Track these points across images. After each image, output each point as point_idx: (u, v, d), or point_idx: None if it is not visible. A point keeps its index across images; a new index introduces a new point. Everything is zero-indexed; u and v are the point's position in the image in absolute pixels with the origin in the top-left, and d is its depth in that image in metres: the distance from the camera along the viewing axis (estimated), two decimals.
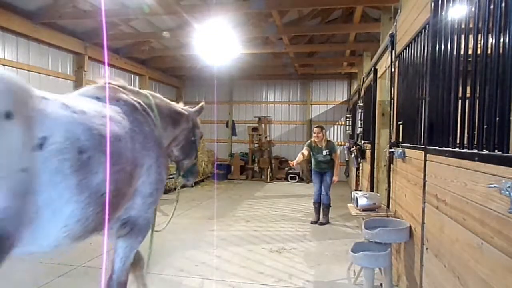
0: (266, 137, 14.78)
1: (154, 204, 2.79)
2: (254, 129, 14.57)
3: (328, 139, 7.92)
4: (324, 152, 7.45)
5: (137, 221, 2.73)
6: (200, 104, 3.90)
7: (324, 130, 7.63)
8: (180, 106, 3.61)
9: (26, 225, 1.71)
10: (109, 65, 11.10)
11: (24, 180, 1.67)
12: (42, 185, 1.76)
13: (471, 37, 2.25)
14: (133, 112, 2.64)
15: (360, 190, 7.35)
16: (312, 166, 7.79)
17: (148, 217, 2.81)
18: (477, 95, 2.14)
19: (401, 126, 4.15)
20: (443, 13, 2.81)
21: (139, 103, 2.79)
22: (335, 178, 7.50)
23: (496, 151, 1.90)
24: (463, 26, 2.43)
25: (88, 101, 2.36)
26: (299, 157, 7.34)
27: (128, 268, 2.87)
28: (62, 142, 1.87)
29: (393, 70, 4.66)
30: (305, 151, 7.45)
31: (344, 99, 14.87)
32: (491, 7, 1.98)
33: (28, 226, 1.73)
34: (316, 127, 7.71)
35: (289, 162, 7.40)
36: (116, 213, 2.40)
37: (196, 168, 3.90)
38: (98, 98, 2.49)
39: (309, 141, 7.79)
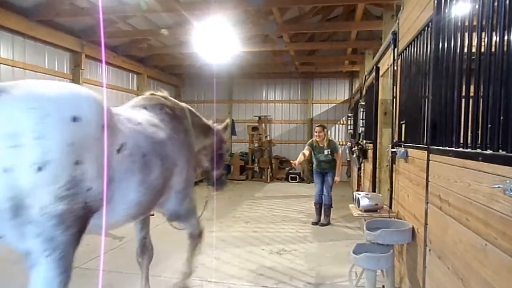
0: (266, 137, 14.78)
1: (186, 198, 3.39)
2: (254, 129, 14.57)
3: (330, 138, 7.92)
4: (326, 152, 7.45)
5: (180, 213, 3.43)
6: (226, 121, 4.58)
7: (325, 129, 7.63)
8: (208, 121, 4.21)
9: (96, 207, 2.25)
10: (107, 63, 11.10)
11: (100, 172, 2.20)
12: (117, 177, 2.39)
13: (474, 35, 2.25)
14: (172, 121, 3.21)
15: (362, 191, 7.35)
16: (314, 166, 7.79)
17: (185, 208, 3.46)
18: (481, 94, 2.14)
19: (403, 125, 4.14)
20: (446, 11, 2.81)
21: (176, 112, 3.37)
22: (336, 178, 7.50)
23: (500, 151, 1.90)
24: (466, 23, 2.43)
25: (139, 112, 2.98)
26: (300, 157, 7.34)
27: (198, 224, 3.74)
28: (132, 148, 2.52)
29: (395, 68, 4.66)
30: (306, 151, 7.44)
31: (345, 98, 14.87)
32: (495, 4, 1.98)
33: (98, 208, 2.28)
34: (317, 126, 7.71)
35: (291, 162, 7.41)
36: (158, 201, 2.98)
37: (224, 178, 4.59)
38: (145, 108, 3.11)
39: (310, 141, 7.79)
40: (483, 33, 2.14)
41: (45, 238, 1.94)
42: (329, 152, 7.45)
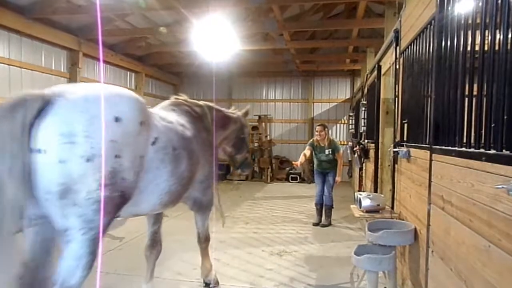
0: (266, 136, 14.77)
1: (209, 188, 3.95)
2: (254, 128, 14.56)
3: (331, 138, 7.92)
4: (327, 152, 7.45)
5: (202, 201, 3.98)
6: (247, 107, 5.07)
7: (326, 129, 7.63)
8: (229, 111, 4.69)
9: (140, 192, 2.69)
10: (104, 61, 11.10)
11: (142, 163, 2.63)
12: (151, 168, 2.75)
13: (478, 33, 2.25)
14: (195, 121, 3.70)
15: (364, 191, 7.35)
16: (314, 166, 7.79)
17: (208, 198, 4.02)
18: (484, 93, 2.14)
19: (405, 124, 4.14)
20: (449, 8, 2.81)
21: (198, 113, 3.87)
22: (338, 178, 7.51)
23: (504, 150, 1.89)
24: (469, 21, 2.43)
25: (169, 112, 3.49)
26: (302, 158, 7.34)
27: (207, 229, 4.26)
28: (165, 142, 2.92)
29: (397, 67, 4.65)
30: (307, 151, 7.44)
31: (347, 97, 14.87)
32: (499, 1, 1.97)
33: (140, 194, 2.70)
34: (318, 126, 7.71)
35: (293, 162, 7.41)
36: (185, 193, 3.41)
37: (248, 160, 5.04)
38: (173, 110, 3.63)
39: (311, 140, 7.79)
40: (487, 31, 2.14)
41: (85, 219, 2.27)
42: (330, 152, 7.45)
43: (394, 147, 4.45)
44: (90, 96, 2.36)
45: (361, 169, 8.51)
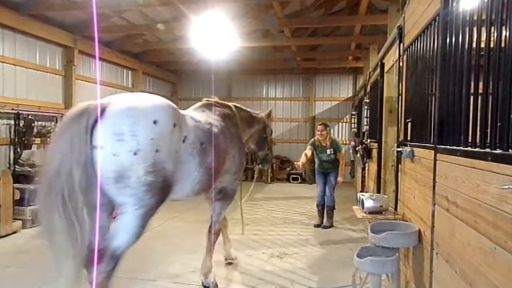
0: None
1: (237, 179, 4.64)
2: None
3: (333, 137, 7.92)
4: (328, 151, 7.45)
5: (227, 190, 4.57)
6: (269, 109, 5.75)
7: (328, 128, 7.62)
8: (254, 112, 5.36)
9: (177, 181, 3.33)
10: (100, 59, 11.11)
11: (177, 156, 3.29)
12: (183, 160, 3.41)
13: (483, 30, 2.25)
14: (224, 119, 4.36)
15: (366, 192, 7.34)
16: (316, 166, 7.79)
17: (233, 188, 4.67)
18: (490, 91, 2.14)
19: (409, 124, 4.14)
20: (454, 4, 2.80)
21: (227, 112, 4.53)
22: (339, 179, 7.51)
23: (510, 150, 1.89)
24: (475, 17, 2.43)
25: (199, 113, 4.10)
26: (303, 158, 7.35)
27: (221, 220, 4.79)
28: (193, 139, 3.54)
29: (401, 64, 4.65)
30: (308, 151, 7.44)
31: (349, 95, 14.88)
32: None
33: (177, 182, 3.35)
34: (319, 125, 7.71)
35: (295, 163, 7.42)
36: (215, 182, 3.99)
37: (269, 157, 5.71)
38: (203, 111, 4.24)
39: (312, 140, 7.79)
40: (492, 28, 2.14)
41: (138, 198, 2.98)
42: (332, 152, 7.45)
43: (398, 147, 4.45)
44: (134, 104, 3.06)
45: (363, 169, 8.51)
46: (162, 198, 3.18)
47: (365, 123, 8.04)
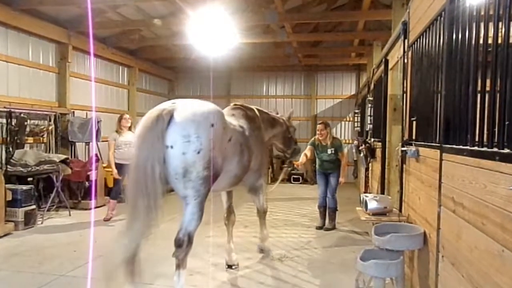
0: None
1: (261, 176, 5.40)
2: None
3: (334, 136, 7.91)
4: (329, 151, 7.43)
5: (255, 186, 5.41)
6: (290, 111, 6.76)
7: (328, 128, 7.61)
8: (275, 115, 6.14)
9: (219, 175, 4.00)
10: (95, 55, 11.10)
11: (224, 153, 4.02)
12: (227, 157, 4.12)
13: (491, 25, 2.25)
14: (250, 121, 4.99)
15: (370, 193, 7.35)
16: (316, 166, 7.77)
17: (260, 183, 5.46)
18: (498, 89, 2.14)
19: (414, 122, 4.15)
20: None
21: (251, 116, 5.16)
22: (341, 179, 7.48)
23: None
24: (482, 13, 2.43)
25: (230, 117, 4.65)
26: (303, 158, 7.34)
27: (263, 204, 5.71)
28: (235, 139, 4.29)
29: (405, 61, 4.66)
30: (307, 151, 7.44)
31: (352, 93, 14.87)
32: None
33: (219, 176, 4.02)
34: (319, 124, 7.70)
35: (294, 163, 7.40)
36: (243, 177, 4.73)
37: (296, 150, 6.63)
38: (233, 115, 4.87)
39: (312, 139, 7.79)
40: (500, 23, 2.14)
41: (196, 190, 3.66)
42: (333, 151, 7.43)
43: (402, 146, 4.46)
44: (197, 110, 3.74)
45: (367, 169, 8.51)
46: (210, 188, 3.88)
47: (369, 122, 8.04)
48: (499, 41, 2.15)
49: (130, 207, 3.53)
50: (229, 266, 5.30)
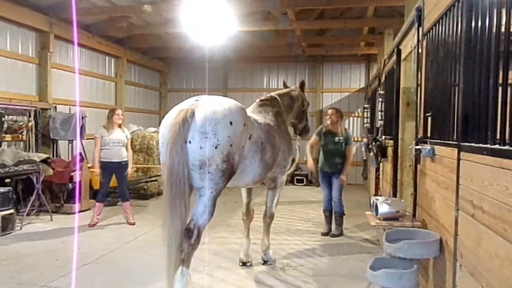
0: None
1: (285, 171, 5.84)
2: None
3: (345, 127, 7.94)
4: (337, 139, 7.41)
5: (278, 180, 5.81)
6: (301, 81, 7.01)
7: (340, 113, 7.64)
8: (290, 90, 6.62)
9: (241, 171, 4.53)
10: (79, 45, 11.10)
11: (243, 150, 4.44)
12: (248, 155, 4.60)
13: None
14: (275, 118, 5.58)
15: (381, 195, 7.35)
16: (319, 165, 7.74)
17: (283, 178, 5.91)
18: None
19: (429, 118, 4.14)
20: None
21: (277, 110, 5.75)
22: (342, 177, 7.39)
23: None
24: None
25: (256, 114, 5.29)
26: (308, 152, 7.43)
27: (275, 205, 6.08)
28: (256, 138, 4.73)
29: (420, 51, 4.65)
30: (313, 141, 7.50)
31: (361, 86, 14.88)
32: None
33: (241, 172, 4.56)
34: (330, 109, 7.75)
35: (309, 165, 7.67)
36: (269, 174, 5.28)
37: (307, 127, 6.98)
38: (260, 112, 5.47)
39: (318, 129, 7.84)
40: None
41: (214, 182, 4.09)
42: (341, 140, 7.40)
43: (416, 144, 4.45)
44: (215, 108, 4.14)
45: (377, 169, 8.51)
46: (227, 183, 4.29)
47: (379, 118, 8.04)
48: None
49: (169, 207, 3.93)
50: (243, 264, 5.80)
